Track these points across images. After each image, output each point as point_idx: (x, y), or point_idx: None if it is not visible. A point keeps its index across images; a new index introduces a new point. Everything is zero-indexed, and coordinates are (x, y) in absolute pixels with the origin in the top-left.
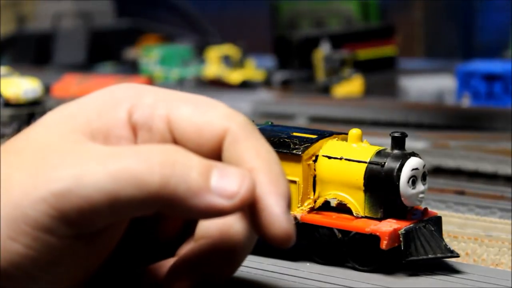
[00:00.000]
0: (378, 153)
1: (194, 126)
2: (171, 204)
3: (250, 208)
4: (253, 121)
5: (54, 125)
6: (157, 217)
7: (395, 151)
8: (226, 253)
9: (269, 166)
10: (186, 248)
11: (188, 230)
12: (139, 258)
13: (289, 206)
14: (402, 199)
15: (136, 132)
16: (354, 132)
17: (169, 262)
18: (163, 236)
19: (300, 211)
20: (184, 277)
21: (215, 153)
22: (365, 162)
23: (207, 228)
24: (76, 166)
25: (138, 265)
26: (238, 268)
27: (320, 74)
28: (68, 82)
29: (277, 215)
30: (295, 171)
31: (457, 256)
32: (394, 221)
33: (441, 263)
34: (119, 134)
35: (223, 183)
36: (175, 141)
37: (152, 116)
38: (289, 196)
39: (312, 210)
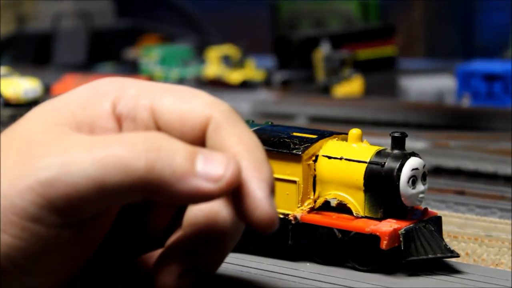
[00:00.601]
0: (378, 153)
1: (177, 114)
2: (158, 189)
3: (233, 194)
4: (253, 121)
5: (39, 119)
6: (146, 208)
7: (395, 151)
8: (214, 240)
9: (252, 151)
10: (174, 237)
11: (177, 220)
12: (129, 250)
13: (272, 191)
14: (402, 199)
15: (120, 123)
16: (354, 132)
17: (159, 252)
18: (152, 227)
19: (300, 211)
20: (173, 265)
21: (199, 142)
22: (365, 162)
23: (194, 215)
24: (62, 155)
25: (128, 256)
26: (226, 256)
27: (320, 74)
28: (68, 82)
29: (260, 200)
30: (295, 171)
31: (457, 256)
32: (394, 221)
33: (441, 263)
34: (104, 125)
35: (209, 167)
36: (159, 130)
37: (135, 106)
38: (272, 182)
39: (312, 210)
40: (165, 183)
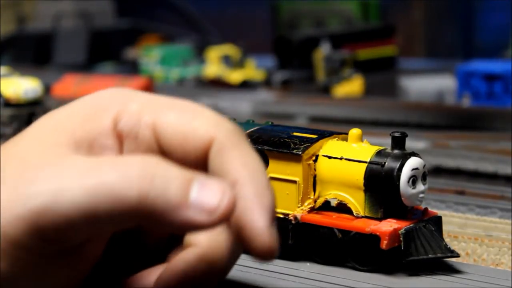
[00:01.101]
0: (378, 153)
1: (180, 134)
2: (150, 218)
3: (233, 221)
4: (253, 121)
5: (38, 137)
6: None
7: (395, 151)
8: (214, 261)
9: (255, 177)
10: (174, 256)
11: (177, 235)
12: (127, 266)
13: (273, 219)
14: (402, 199)
15: (121, 140)
16: (354, 132)
17: (158, 268)
18: (151, 242)
19: (300, 211)
20: (172, 286)
21: (202, 162)
22: (365, 162)
23: (195, 238)
24: (53, 181)
25: (127, 272)
26: (226, 276)
27: (320, 74)
28: (68, 82)
29: (261, 229)
30: (295, 171)
31: (457, 256)
32: (394, 221)
33: (441, 263)
34: (103, 143)
35: (203, 198)
36: (161, 149)
37: (137, 123)
38: (274, 209)
39: (312, 210)
40: (157, 213)
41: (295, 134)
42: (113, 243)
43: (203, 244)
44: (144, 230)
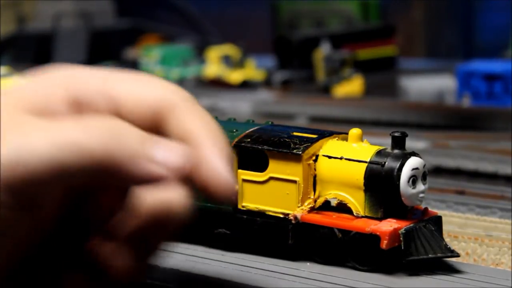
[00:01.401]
0: (378, 153)
1: (136, 98)
2: (113, 171)
3: (200, 171)
4: (253, 121)
5: (2, 107)
6: (92, 195)
7: (395, 151)
8: (165, 226)
9: (214, 132)
10: (124, 224)
11: (124, 207)
12: (75, 237)
13: (231, 167)
14: (402, 198)
15: (77, 109)
16: (354, 131)
17: (108, 239)
18: (99, 214)
19: (300, 211)
20: (126, 253)
21: (159, 126)
22: (365, 162)
23: (146, 202)
24: (19, 137)
25: (76, 244)
26: (175, 239)
27: (320, 74)
28: None
29: (224, 176)
30: (295, 171)
31: (457, 256)
32: (394, 220)
33: (441, 263)
34: (60, 111)
35: (161, 153)
36: (118, 114)
37: (92, 92)
38: (231, 158)
39: (312, 210)
40: (119, 166)
41: (295, 134)
42: (60, 218)
43: (154, 211)
44: (92, 202)
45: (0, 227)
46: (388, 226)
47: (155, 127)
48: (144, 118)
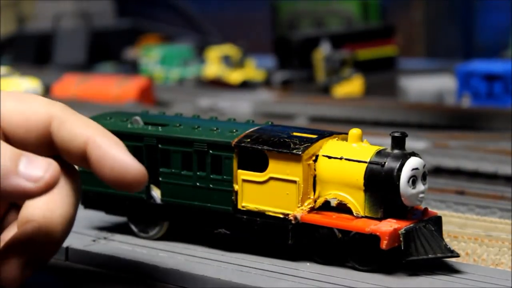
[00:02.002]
0: (378, 153)
1: (20, 115)
2: None
3: (103, 165)
4: (253, 121)
5: None
6: None
7: (395, 151)
8: (50, 234)
9: (101, 130)
10: (11, 233)
11: (6, 218)
12: None
13: (131, 155)
14: (402, 199)
15: None
16: (354, 132)
17: None
18: None
19: (300, 211)
20: (15, 259)
21: (45, 139)
22: (365, 162)
23: (31, 213)
24: None
25: None
26: (59, 249)
27: (320, 74)
28: (68, 82)
29: (126, 161)
30: (295, 171)
31: (457, 256)
32: (394, 221)
33: (441, 263)
34: None
35: (30, 169)
36: (4, 134)
37: None
38: (126, 149)
39: (312, 210)
40: None
41: (295, 134)
42: None
43: (39, 220)
44: None
45: None
46: (388, 226)
47: (41, 142)
48: (32, 132)
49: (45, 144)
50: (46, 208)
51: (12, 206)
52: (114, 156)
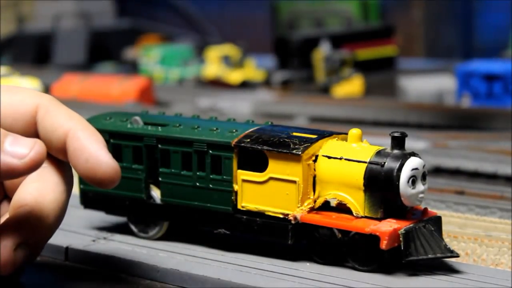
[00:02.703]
0: (378, 153)
1: (9, 105)
2: None
3: (79, 157)
4: (253, 121)
5: None
6: None
7: (395, 151)
8: (42, 218)
9: (83, 123)
10: (3, 218)
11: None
12: None
13: (107, 150)
14: (402, 199)
15: None
16: (354, 132)
17: None
18: None
19: (300, 211)
20: (7, 240)
21: (30, 128)
22: (365, 162)
23: (24, 198)
24: None
25: None
26: (54, 232)
27: (320, 74)
28: (68, 82)
29: (101, 157)
30: (295, 171)
31: (457, 256)
32: (394, 221)
33: (441, 263)
34: None
35: (15, 147)
36: None
37: None
38: (104, 143)
39: (312, 210)
40: None
41: (294, 134)
42: None
43: (31, 204)
44: None
45: None
46: (387, 226)
47: (32, 128)
48: (19, 121)
49: (31, 134)
50: (38, 194)
51: (4, 198)
52: (91, 150)
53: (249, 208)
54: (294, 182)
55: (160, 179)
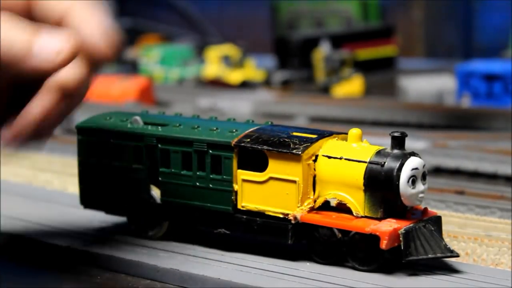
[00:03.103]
0: (378, 153)
1: (46, 4)
2: (9, 68)
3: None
4: (253, 121)
5: None
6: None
7: (395, 151)
8: (69, 86)
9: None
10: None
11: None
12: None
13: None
14: (402, 199)
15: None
16: (354, 132)
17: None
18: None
19: (300, 211)
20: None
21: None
22: (365, 162)
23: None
24: None
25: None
26: (81, 101)
27: (320, 74)
28: None
29: (98, 27)
30: (295, 170)
31: (457, 256)
32: (394, 220)
33: (441, 263)
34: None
35: (48, 45)
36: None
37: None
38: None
39: (312, 210)
40: (11, 65)
41: (294, 134)
42: None
43: (59, 77)
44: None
45: None
46: (387, 226)
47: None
48: (52, 17)
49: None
50: (66, 69)
51: None
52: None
53: (249, 208)
54: (294, 182)
55: (160, 179)
